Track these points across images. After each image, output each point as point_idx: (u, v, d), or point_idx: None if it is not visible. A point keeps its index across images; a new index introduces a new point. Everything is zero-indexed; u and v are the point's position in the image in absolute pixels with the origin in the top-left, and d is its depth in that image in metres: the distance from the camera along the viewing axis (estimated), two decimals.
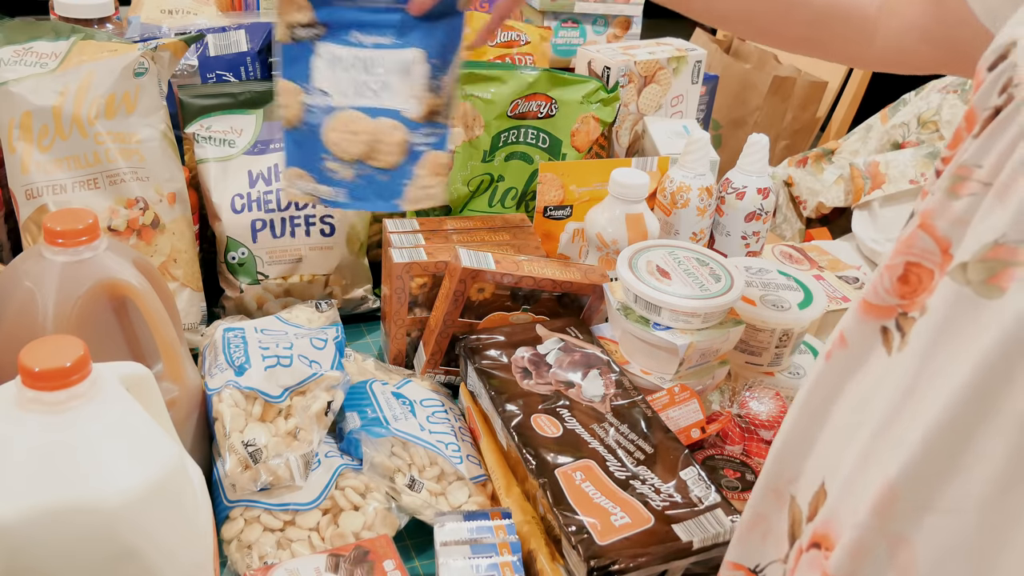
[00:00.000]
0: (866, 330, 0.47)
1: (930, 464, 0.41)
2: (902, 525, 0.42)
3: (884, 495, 0.42)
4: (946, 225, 0.43)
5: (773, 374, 0.95)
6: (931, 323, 0.42)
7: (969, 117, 0.44)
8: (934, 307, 0.42)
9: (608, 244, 1.03)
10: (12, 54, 0.88)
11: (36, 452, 0.52)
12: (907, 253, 0.45)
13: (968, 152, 0.43)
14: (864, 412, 0.46)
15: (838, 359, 0.48)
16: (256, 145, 0.99)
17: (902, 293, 0.45)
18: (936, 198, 0.44)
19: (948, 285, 0.41)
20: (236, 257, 0.98)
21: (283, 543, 0.72)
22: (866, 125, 1.44)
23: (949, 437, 0.40)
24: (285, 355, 0.80)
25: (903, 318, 0.45)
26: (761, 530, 0.54)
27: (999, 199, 0.40)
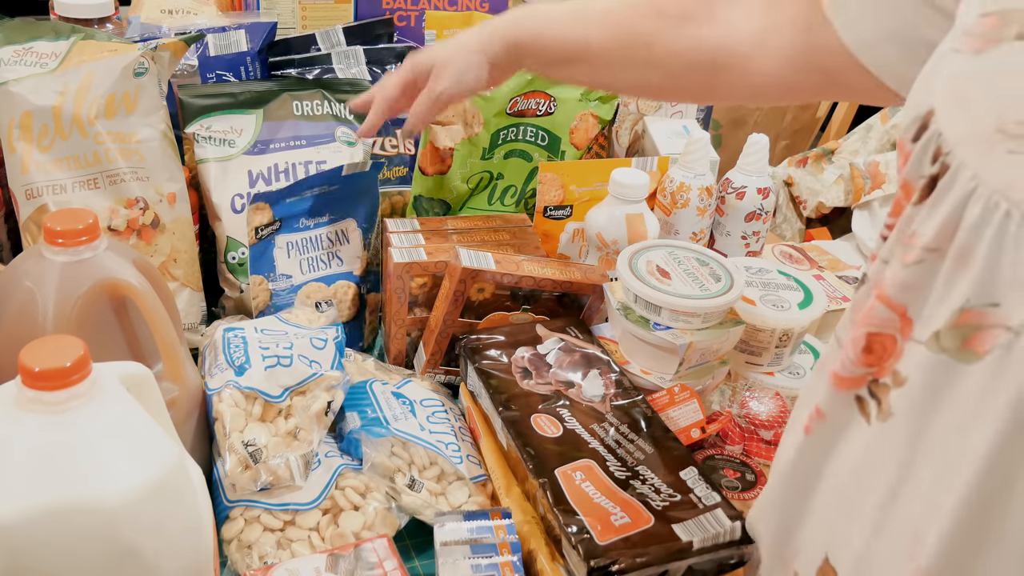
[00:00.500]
0: (841, 402, 0.48)
1: (962, 546, 0.41)
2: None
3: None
4: (899, 292, 0.44)
5: (773, 374, 0.95)
6: (914, 393, 0.43)
7: (905, 188, 0.45)
8: (912, 377, 0.43)
9: (608, 244, 1.03)
10: (12, 54, 0.88)
11: (36, 452, 0.52)
12: (868, 325, 0.46)
13: (911, 221, 0.44)
14: (861, 484, 0.47)
15: (818, 432, 0.49)
16: (256, 145, 0.99)
17: (869, 362, 0.46)
18: (887, 267, 0.45)
19: (924, 355, 0.42)
20: (236, 257, 0.98)
21: (283, 543, 0.72)
22: (866, 125, 1.44)
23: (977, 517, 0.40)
24: (285, 355, 0.80)
25: (875, 385, 0.46)
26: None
27: (959, 264, 0.41)
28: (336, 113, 1.03)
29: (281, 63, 1.10)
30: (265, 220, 0.88)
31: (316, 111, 1.02)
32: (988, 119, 0.40)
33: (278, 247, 0.91)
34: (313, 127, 1.01)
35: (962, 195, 0.40)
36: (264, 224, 0.88)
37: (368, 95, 0.87)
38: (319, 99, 1.02)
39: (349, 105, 0.94)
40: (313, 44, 1.14)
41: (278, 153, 0.99)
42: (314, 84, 1.03)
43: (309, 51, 1.13)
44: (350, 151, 1.01)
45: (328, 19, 1.25)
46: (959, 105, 0.42)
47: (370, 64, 1.12)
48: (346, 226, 0.95)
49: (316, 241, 0.93)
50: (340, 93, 1.03)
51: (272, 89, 1.01)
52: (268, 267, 0.91)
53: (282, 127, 1.00)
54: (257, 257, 0.90)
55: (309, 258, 0.93)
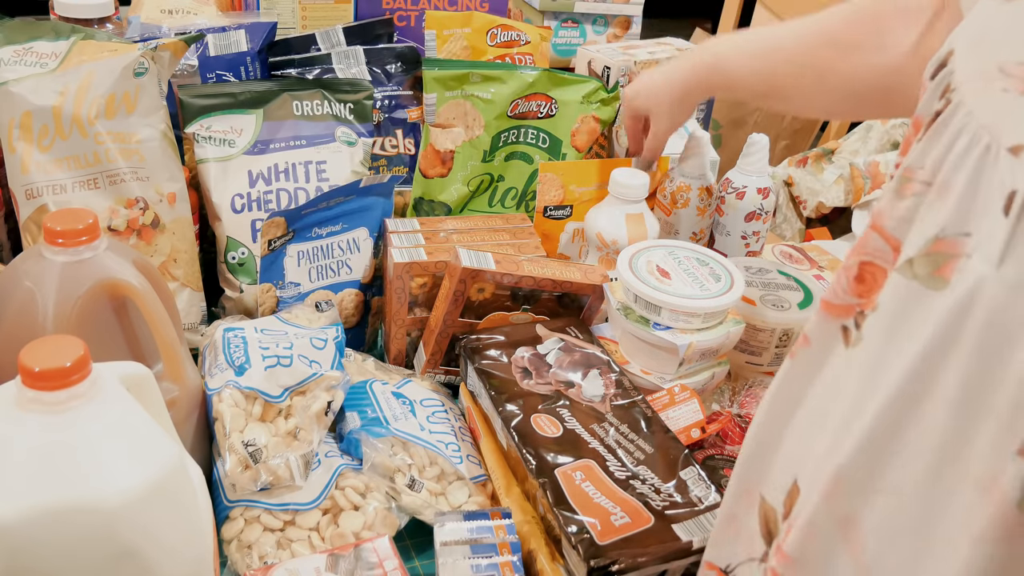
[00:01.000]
0: (828, 329, 0.49)
1: (873, 448, 0.43)
2: (850, 506, 0.44)
3: (833, 478, 0.45)
4: (894, 224, 0.45)
5: (773, 374, 0.95)
6: (882, 318, 0.45)
7: (915, 124, 0.46)
8: (884, 302, 0.44)
9: (608, 244, 1.03)
10: (12, 54, 0.88)
11: (36, 452, 0.52)
12: (861, 253, 0.47)
13: (912, 155, 0.45)
14: (828, 408, 0.48)
15: (801, 358, 0.51)
16: (256, 145, 0.99)
17: (859, 292, 0.47)
18: (885, 200, 0.46)
19: (896, 280, 0.43)
20: (236, 257, 0.98)
21: (283, 543, 0.72)
22: (866, 125, 1.44)
23: (890, 420, 0.42)
24: (285, 355, 0.80)
25: (860, 316, 0.47)
26: (733, 530, 0.55)
27: (939, 196, 0.42)
28: (336, 113, 1.03)
29: (281, 63, 1.10)
30: (279, 233, 0.89)
31: (316, 111, 1.02)
32: (993, 59, 0.42)
33: (289, 256, 0.91)
34: (313, 127, 1.01)
35: (955, 130, 0.42)
36: (277, 236, 0.89)
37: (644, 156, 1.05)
38: (319, 99, 1.02)
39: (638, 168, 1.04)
40: (313, 44, 1.14)
41: (278, 153, 0.99)
42: (314, 84, 1.03)
43: (309, 51, 1.13)
44: (350, 151, 1.02)
45: (328, 19, 1.25)
46: (974, 46, 0.44)
47: (370, 64, 1.12)
48: (357, 235, 0.96)
49: (327, 250, 0.94)
50: (340, 93, 1.03)
51: (272, 89, 1.01)
52: (278, 275, 0.91)
53: (282, 127, 1.00)
54: (267, 267, 0.90)
55: (318, 266, 0.94)
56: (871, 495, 0.44)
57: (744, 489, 0.54)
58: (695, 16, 3.21)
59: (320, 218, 0.92)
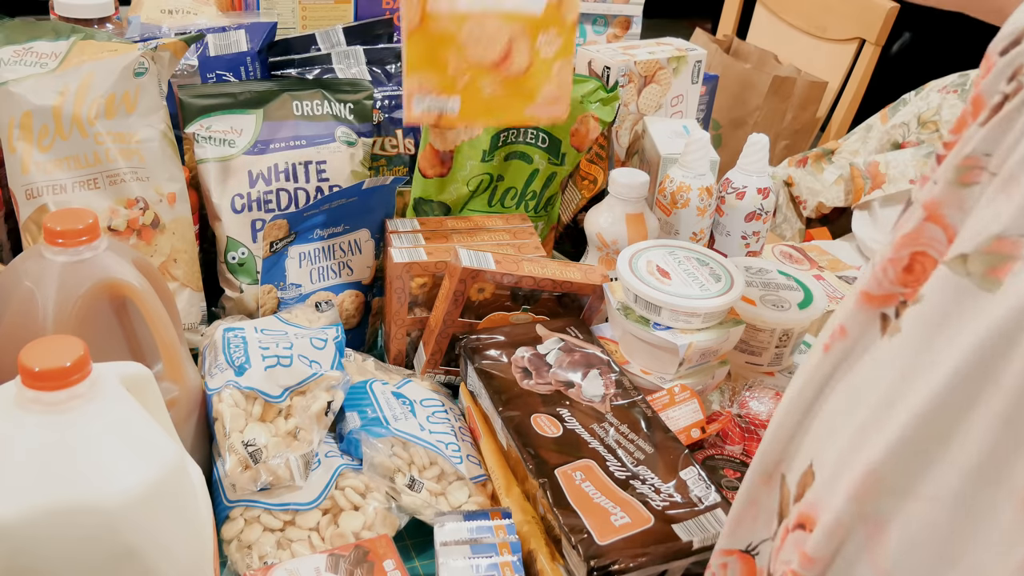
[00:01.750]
0: (865, 318, 0.47)
1: (912, 450, 0.41)
2: (880, 508, 0.42)
3: (866, 478, 0.42)
4: (955, 213, 0.42)
5: (773, 374, 0.95)
6: (925, 311, 0.42)
7: (976, 102, 0.43)
8: (929, 295, 0.42)
9: (608, 244, 1.03)
10: (12, 54, 0.88)
11: (36, 452, 0.52)
12: (914, 244, 0.44)
13: (975, 140, 0.42)
14: (858, 398, 0.46)
15: (836, 349, 0.48)
16: (256, 145, 0.99)
17: (905, 282, 0.45)
18: (940, 188, 0.43)
19: (945, 275, 0.41)
20: (236, 257, 0.98)
21: (283, 543, 0.72)
22: (866, 125, 1.44)
23: (933, 424, 0.40)
24: (285, 355, 0.80)
25: (902, 306, 0.45)
26: (752, 515, 0.54)
27: (1003, 191, 0.39)
28: (336, 113, 1.03)
29: (281, 63, 1.10)
30: (281, 235, 0.89)
31: (316, 111, 1.02)
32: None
33: (290, 257, 0.91)
34: (313, 127, 1.01)
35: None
36: (280, 238, 0.89)
37: None
38: (319, 99, 1.02)
39: None
40: (313, 44, 1.14)
41: (278, 153, 0.99)
42: (314, 84, 1.03)
43: (309, 51, 1.13)
44: (350, 151, 1.02)
45: (328, 19, 1.25)
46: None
47: (370, 64, 1.12)
48: (359, 236, 0.96)
49: (328, 251, 0.94)
50: (340, 93, 1.03)
51: (272, 89, 1.01)
52: (279, 277, 0.91)
53: (282, 127, 1.00)
54: (269, 268, 0.90)
55: (320, 267, 0.94)
56: (904, 500, 0.41)
57: (765, 473, 0.53)
58: (695, 16, 3.21)
59: (322, 220, 0.92)
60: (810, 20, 2.06)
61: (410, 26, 0.84)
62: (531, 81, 0.88)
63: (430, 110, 0.87)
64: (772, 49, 1.93)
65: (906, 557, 0.42)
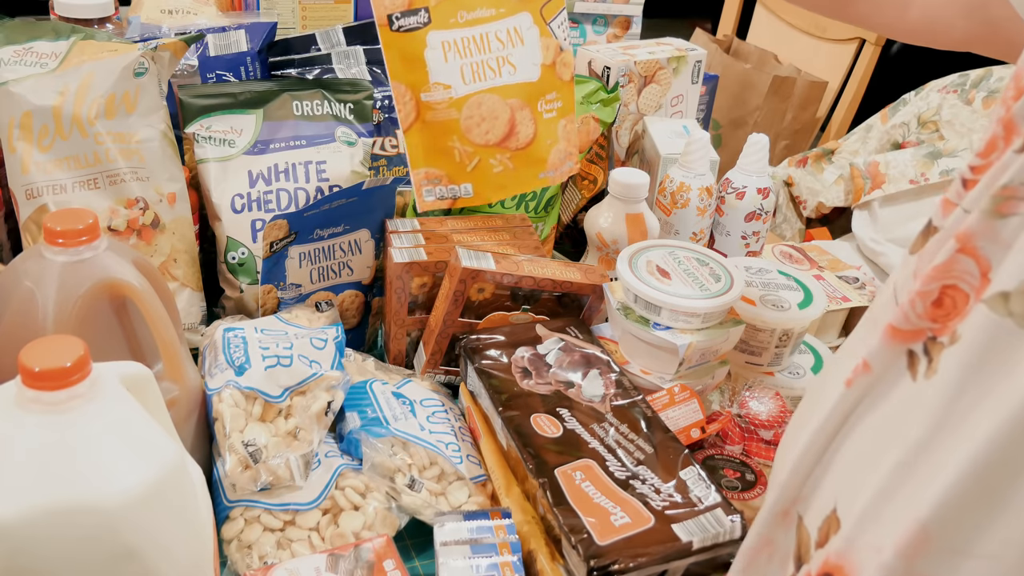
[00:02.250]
0: (891, 355, 0.45)
1: (967, 505, 0.39)
2: (932, 568, 0.40)
3: (913, 536, 0.40)
4: (989, 245, 0.40)
5: (773, 374, 0.95)
6: (965, 353, 0.40)
7: (1008, 125, 0.41)
8: (968, 337, 0.40)
9: (608, 244, 1.03)
10: (12, 54, 0.88)
11: (36, 452, 0.52)
12: (944, 278, 0.42)
13: (1013, 169, 0.40)
14: (888, 441, 0.44)
15: (859, 385, 0.46)
16: (256, 145, 0.99)
17: (934, 316, 0.43)
18: (974, 219, 0.41)
19: (985, 315, 0.39)
20: (236, 257, 0.98)
21: (283, 543, 0.72)
22: (866, 125, 1.44)
23: (989, 477, 0.38)
24: (285, 355, 0.80)
25: (931, 343, 0.43)
26: (767, 553, 0.52)
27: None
28: (336, 113, 1.03)
29: (281, 63, 1.10)
30: (281, 235, 0.88)
31: (316, 111, 1.02)
32: None
33: (290, 257, 0.91)
34: (313, 127, 1.01)
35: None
36: (280, 238, 0.88)
37: None
38: (319, 99, 1.02)
39: None
40: (313, 44, 1.14)
41: (278, 153, 0.99)
42: (314, 84, 1.03)
43: (309, 51, 1.13)
44: (350, 151, 1.02)
45: (328, 19, 1.25)
46: None
47: (370, 64, 1.12)
48: (359, 236, 0.95)
49: (329, 251, 0.93)
50: (340, 93, 1.03)
51: (272, 89, 1.01)
52: (279, 277, 0.91)
53: (282, 127, 1.00)
54: (269, 268, 0.90)
55: (320, 268, 0.93)
56: (961, 559, 0.39)
57: (781, 511, 0.51)
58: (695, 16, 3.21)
59: (322, 220, 0.92)
60: (810, 20, 2.06)
61: (406, 121, 0.82)
62: (540, 148, 0.86)
63: (443, 197, 0.85)
64: (772, 49, 1.93)
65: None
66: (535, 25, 0.83)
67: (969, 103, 1.29)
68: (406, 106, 0.81)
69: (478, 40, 0.81)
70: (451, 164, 0.84)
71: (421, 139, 0.82)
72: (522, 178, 0.86)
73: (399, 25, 0.80)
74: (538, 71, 0.83)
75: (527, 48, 0.82)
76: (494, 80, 0.82)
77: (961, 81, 1.34)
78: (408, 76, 0.80)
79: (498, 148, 0.84)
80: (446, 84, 0.81)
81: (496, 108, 0.83)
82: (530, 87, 0.83)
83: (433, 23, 0.80)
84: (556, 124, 0.86)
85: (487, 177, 0.85)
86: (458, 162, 0.83)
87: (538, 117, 0.84)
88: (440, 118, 0.82)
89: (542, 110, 0.84)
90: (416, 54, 0.80)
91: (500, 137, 0.83)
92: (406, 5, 0.81)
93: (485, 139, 0.83)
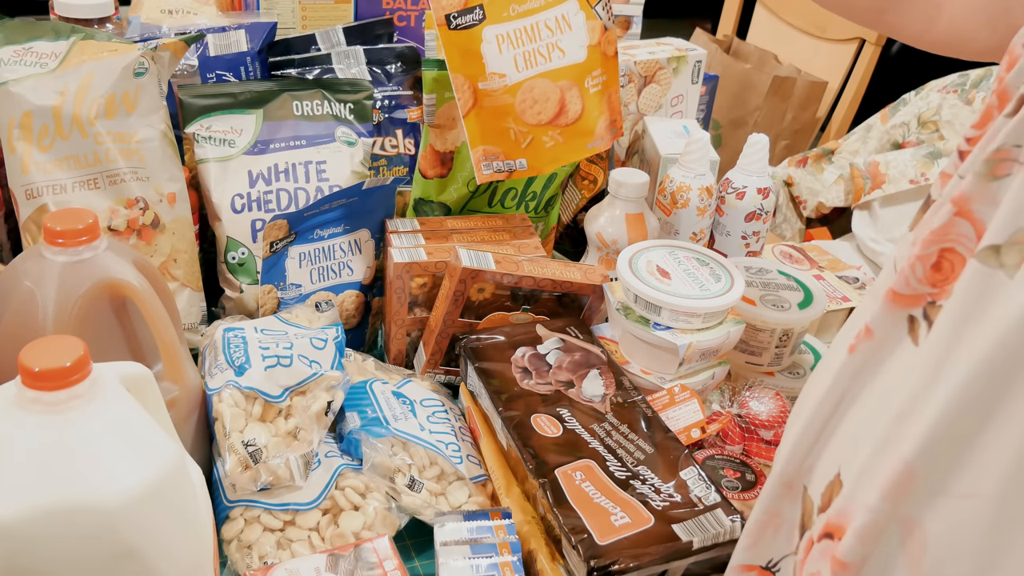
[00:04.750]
0: (893, 319, 0.45)
1: (946, 445, 0.40)
2: (915, 508, 0.41)
3: (898, 476, 0.41)
4: (985, 208, 0.41)
5: (773, 374, 0.95)
6: (956, 307, 0.41)
7: (1002, 96, 0.42)
8: (960, 291, 0.41)
9: (608, 244, 1.03)
10: (12, 54, 0.88)
11: (36, 452, 0.52)
12: (942, 240, 0.43)
13: (1003, 132, 0.41)
14: (886, 404, 0.45)
15: (862, 351, 0.47)
16: (256, 145, 0.99)
17: (933, 281, 0.44)
18: (969, 182, 0.42)
19: (976, 268, 0.40)
20: (236, 257, 0.98)
21: (283, 543, 0.72)
22: (866, 125, 1.44)
23: (966, 417, 0.39)
24: (285, 355, 0.80)
25: (931, 307, 0.44)
26: (774, 526, 0.52)
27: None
28: (336, 113, 1.03)
29: (281, 63, 1.10)
30: (281, 235, 0.89)
31: (316, 111, 1.02)
32: None
33: (290, 257, 0.91)
34: (313, 127, 1.01)
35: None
36: (280, 238, 0.89)
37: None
38: (319, 99, 1.02)
39: None
40: (313, 44, 1.14)
41: (278, 153, 0.99)
42: (314, 84, 1.03)
43: (309, 51, 1.13)
44: (350, 151, 1.02)
45: (328, 19, 1.25)
46: None
47: (370, 64, 1.12)
48: (359, 236, 0.96)
49: (329, 251, 0.94)
50: (340, 93, 1.03)
51: (272, 89, 1.01)
52: (279, 277, 0.91)
53: (282, 127, 1.00)
54: (269, 268, 0.90)
55: (320, 268, 0.94)
56: (941, 498, 0.40)
57: (787, 483, 0.51)
58: (695, 16, 3.21)
59: (322, 220, 0.92)
60: (810, 20, 2.06)
61: (465, 107, 0.88)
62: (588, 121, 0.92)
63: (499, 171, 0.91)
64: (772, 49, 1.93)
65: (947, 557, 0.40)
66: (581, 10, 0.89)
67: (969, 103, 1.29)
68: (465, 94, 0.87)
69: (529, 30, 0.88)
70: (507, 143, 0.90)
71: (479, 122, 0.89)
72: (572, 148, 0.93)
73: (457, 23, 0.86)
74: (585, 52, 0.90)
75: (575, 32, 0.89)
76: (545, 65, 0.89)
77: (961, 81, 1.34)
78: (466, 68, 0.87)
79: (550, 126, 0.90)
80: (501, 74, 0.88)
81: (547, 91, 0.89)
82: (578, 68, 0.90)
83: (488, 19, 0.87)
84: (603, 97, 0.92)
85: (540, 152, 0.92)
86: (513, 140, 0.90)
87: (585, 93, 0.90)
88: (496, 103, 0.88)
89: (588, 86, 0.91)
90: (473, 49, 0.87)
91: (551, 116, 0.90)
92: (463, 4, 0.86)
93: (538, 119, 0.90)
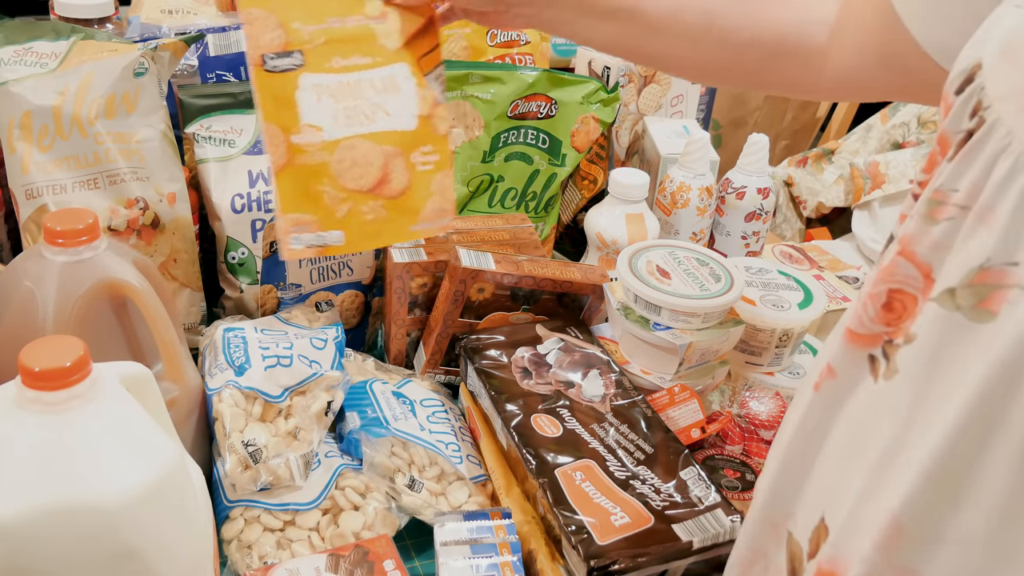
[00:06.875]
0: (853, 359, 0.47)
1: (932, 494, 0.40)
2: (909, 558, 0.41)
3: (888, 528, 0.42)
4: (926, 251, 0.43)
5: (773, 374, 0.95)
6: (921, 350, 0.42)
7: (942, 141, 0.44)
8: (922, 334, 0.42)
9: (608, 244, 1.03)
10: (12, 54, 0.88)
11: (36, 452, 0.52)
12: (889, 280, 0.45)
13: (943, 176, 0.42)
14: (860, 443, 0.46)
15: (827, 389, 0.48)
16: (256, 145, 0.99)
17: (887, 320, 0.45)
18: (914, 223, 0.44)
19: (935, 311, 0.41)
20: (236, 257, 0.98)
21: (283, 543, 0.72)
22: (866, 125, 1.44)
23: (950, 465, 0.40)
24: (285, 355, 0.80)
25: (888, 345, 0.45)
26: (761, 566, 0.53)
27: (981, 222, 0.40)
28: None
29: None
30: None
31: None
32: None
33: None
34: None
35: (994, 151, 0.39)
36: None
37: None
38: None
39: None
40: None
41: None
42: None
43: None
44: None
45: None
46: (1006, 60, 0.41)
47: None
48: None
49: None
50: None
51: None
52: (279, 277, 0.91)
53: None
54: (269, 269, 0.90)
55: (320, 267, 0.93)
56: (934, 546, 0.41)
57: (770, 522, 0.52)
58: None
59: None
60: None
61: (277, 164, 0.78)
62: (414, 199, 0.82)
63: (311, 245, 0.80)
64: None
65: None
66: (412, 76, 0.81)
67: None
68: (278, 149, 0.78)
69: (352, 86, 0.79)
70: (321, 209, 0.80)
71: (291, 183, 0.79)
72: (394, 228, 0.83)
73: (273, 66, 0.77)
74: (415, 122, 0.81)
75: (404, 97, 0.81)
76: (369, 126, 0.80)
77: None
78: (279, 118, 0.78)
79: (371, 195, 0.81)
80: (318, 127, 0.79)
81: (370, 154, 0.80)
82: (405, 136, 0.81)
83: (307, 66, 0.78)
84: (431, 177, 0.83)
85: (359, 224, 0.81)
86: (328, 207, 0.80)
87: (412, 168, 0.81)
88: (311, 161, 0.79)
89: (416, 162, 0.82)
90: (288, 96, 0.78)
91: (372, 183, 0.80)
92: (282, 46, 0.78)
93: (357, 184, 0.80)
